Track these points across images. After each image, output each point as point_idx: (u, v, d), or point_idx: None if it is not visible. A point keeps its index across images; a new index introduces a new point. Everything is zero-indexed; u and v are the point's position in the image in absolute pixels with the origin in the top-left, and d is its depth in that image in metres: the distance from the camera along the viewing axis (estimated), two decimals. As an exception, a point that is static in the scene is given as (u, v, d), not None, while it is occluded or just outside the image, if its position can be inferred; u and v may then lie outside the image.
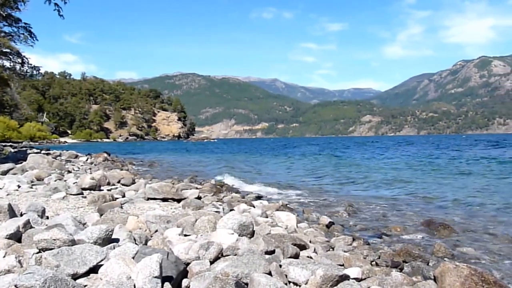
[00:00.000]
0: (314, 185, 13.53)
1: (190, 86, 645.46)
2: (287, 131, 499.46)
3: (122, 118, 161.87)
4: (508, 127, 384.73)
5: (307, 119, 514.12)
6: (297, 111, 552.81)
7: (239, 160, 27.86)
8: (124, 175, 11.68)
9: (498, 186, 11.77)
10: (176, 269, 3.41)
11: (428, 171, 16.83)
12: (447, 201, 9.56)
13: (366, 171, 17.86)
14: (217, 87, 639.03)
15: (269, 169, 20.47)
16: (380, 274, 4.10)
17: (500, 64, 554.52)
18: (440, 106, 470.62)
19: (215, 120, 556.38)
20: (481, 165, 18.69)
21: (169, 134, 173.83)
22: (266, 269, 3.53)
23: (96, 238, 3.89)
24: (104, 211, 5.99)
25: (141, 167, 21.76)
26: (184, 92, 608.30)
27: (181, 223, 5.21)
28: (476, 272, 3.53)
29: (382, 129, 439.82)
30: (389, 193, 11.25)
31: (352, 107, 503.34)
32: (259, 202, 8.87)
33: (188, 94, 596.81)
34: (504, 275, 4.56)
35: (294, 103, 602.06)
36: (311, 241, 5.43)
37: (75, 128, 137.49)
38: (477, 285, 3.40)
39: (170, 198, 8.14)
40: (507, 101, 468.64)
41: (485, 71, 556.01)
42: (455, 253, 5.39)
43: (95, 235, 3.91)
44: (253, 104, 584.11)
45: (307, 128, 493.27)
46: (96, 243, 3.82)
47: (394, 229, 6.82)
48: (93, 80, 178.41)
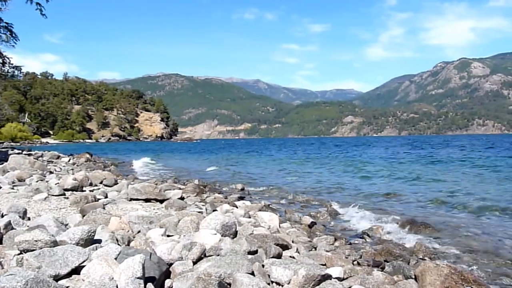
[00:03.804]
0: (296, 185, 13.64)
1: (173, 87, 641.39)
2: (270, 131, 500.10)
3: (105, 118, 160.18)
4: (487, 127, 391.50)
5: (289, 120, 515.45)
6: (280, 112, 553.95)
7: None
8: (107, 175, 11.59)
9: (476, 186, 11.98)
10: (159, 269, 3.41)
11: (410, 171, 17.05)
12: (428, 201, 9.71)
13: (348, 170, 18.06)
14: (200, 88, 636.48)
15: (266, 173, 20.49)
16: (361, 273, 4.14)
17: (479, 66, 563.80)
18: (421, 107, 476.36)
19: (198, 121, 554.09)
20: (461, 166, 19.00)
21: (152, 134, 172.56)
22: (249, 269, 3.55)
23: (78, 239, 3.87)
24: (86, 212, 5.94)
25: (123, 168, 21.62)
26: (167, 92, 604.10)
27: (164, 224, 5.20)
28: (456, 271, 3.59)
29: (364, 129, 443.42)
30: (370, 192, 11.38)
31: (334, 108, 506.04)
32: (241, 203, 8.89)
33: (171, 94, 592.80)
34: (483, 273, 4.64)
35: (276, 104, 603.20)
36: (293, 241, 5.46)
37: (57, 128, 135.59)
38: (457, 284, 3.45)
39: (153, 199, 8.11)
40: (486, 102, 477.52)
41: (464, 73, 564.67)
42: (435, 252, 5.48)
43: (77, 236, 3.89)
44: (236, 105, 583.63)
45: (289, 128, 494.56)
46: (78, 244, 3.80)
47: (375, 228, 6.90)
48: (75, 81, 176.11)
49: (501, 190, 11.05)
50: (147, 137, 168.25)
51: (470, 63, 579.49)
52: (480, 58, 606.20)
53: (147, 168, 21.74)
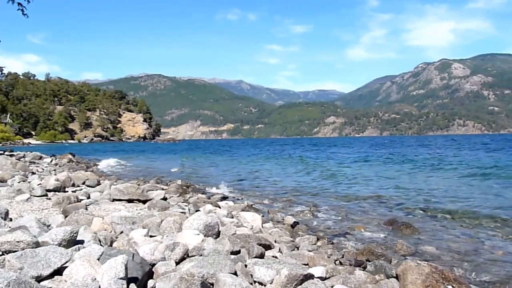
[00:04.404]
0: (278, 185, 13.71)
1: (156, 87, 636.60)
2: (253, 132, 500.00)
3: (87, 119, 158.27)
4: (467, 128, 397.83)
5: (272, 120, 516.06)
6: (262, 113, 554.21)
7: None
8: (89, 176, 11.51)
9: (459, 187, 12.17)
10: (142, 270, 3.42)
11: (390, 171, 17.27)
12: (409, 201, 9.84)
13: (329, 170, 18.19)
14: (183, 88, 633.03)
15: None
16: (344, 273, 4.17)
17: (460, 67, 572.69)
18: (402, 108, 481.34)
19: (181, 121, 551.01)
20: (442, 167, 19.28)
21: (134, 135, 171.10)
22: (232, 269, 3.58)
23: (60, 240, 3.85)
24: (68, 212, 5.89)
25: (106, 168, 21.44)
26: (149, 93, 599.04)
27: (147, 224, 5.19)
28: (436, 270, 3.65)
29: (346, 130, 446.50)
30: (352, 192, 11.49)
31: (317, 108, 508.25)
32: (224, 203, 8.91)
33: (153, 95, 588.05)
34: (464, 272, 4.73)
35: (259, 105, 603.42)
36: (276, 241, 5.50)
37: (39, 129, 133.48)
38: (438, 283, 3.50)
39: (136, 199, 8.08)
40: (466, 103, 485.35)
41: (445, 74, 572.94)
42: (416, 251, 5.57)
43: (60, 237, 3.87)
44: (219, 106, 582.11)
45: (272, 129, 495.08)
46: (61, 245, 3.78)
47: (357, 228, 7.00)
48: (58, 81, 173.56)
49: (476, 191, 11.25)
50: (129, 137, 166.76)
51: (451, 64, 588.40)
52: (461, 59, 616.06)
53: (113, 169, 21.97)
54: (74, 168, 17.47)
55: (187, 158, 32.99)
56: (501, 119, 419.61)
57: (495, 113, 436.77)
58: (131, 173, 19.20)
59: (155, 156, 39.58)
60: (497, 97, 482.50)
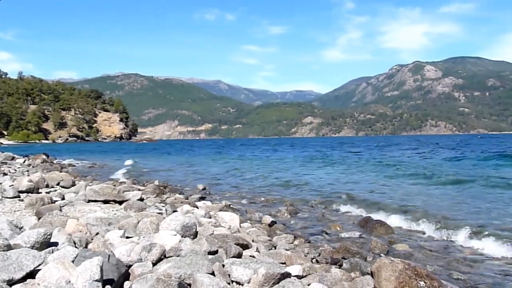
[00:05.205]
0: (255, 185, 13.73)
1: (132, 87, 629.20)
2: (231, 132, 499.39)
3: (62, 118, 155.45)
4: (439, 128, 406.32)
5: (250, 120, 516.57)
6: (240, 113, 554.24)
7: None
8: (64, 177, 11.29)
9: (430, 187, 12.38)
10: (118, 271, 3.38)
11: (366, 172, 17.49)
12: (383, 200, 9.98)
13: (306, 170, 18.32)
14: (160, 88, 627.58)
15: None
16: (320, 271, 4.22)
17: (432, 69, 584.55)
18: (377, 109, 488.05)
19: (158, 121, 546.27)
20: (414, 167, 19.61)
21: (110, 135, 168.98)
22: (209, 269, 3.57)
23: (33, 242, 3.77)
24: (42, 214, 5.77)
25: (81, 169, 21.12)
26: (126, 92, 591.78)
27: (123, 225, 5.13)
28: (409, 267, 3.72)
29: (323, 130, 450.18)
30: (329, 191, 11.60)
31: (294, 108, 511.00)
32: (202, 203, 8.87)
33: (130, 94, 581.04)
34: (435, 268, 4.86)
35: (237, 105, 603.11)
36: (254, 240, 5.51)
37: (12, 129, 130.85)
38: (410, 279, 3.58)
39: (112, 200, 7.97)
40: (438, 104, 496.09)
41: (418, 76, 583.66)
42: (390, 249, 5.68)
43: (32, 239, 3.79)
44: (197, 105, 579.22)
45: (250, 129, 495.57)
46: (34, 247, 3.70)
47: (333, 227, 7.07)
48: (31, 80, 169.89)
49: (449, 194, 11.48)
50: (106, 137, 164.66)
51: (424, 66, 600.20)
52: (433, 61, 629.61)
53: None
54: (48, 169, 17.12)
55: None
56: (471, 120, 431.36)
57: (465, 114, 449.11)
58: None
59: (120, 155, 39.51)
60: (467, 98, 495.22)
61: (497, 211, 8.10)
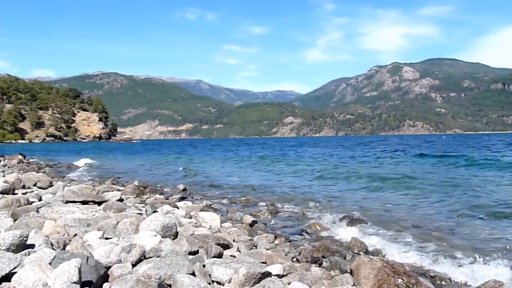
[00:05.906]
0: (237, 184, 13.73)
1: (112, 86, 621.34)
2: (212, 132, 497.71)
3: (39, 118, 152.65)
4: (417, 128, 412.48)
5: (231, 120, 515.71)
6: (221, 112, 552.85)
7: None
8: (41, 177, 11.10)
9: (410, 183, 12.56)
10: (96, 273, 3.34)
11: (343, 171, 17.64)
12: (362, 198, 10.10)
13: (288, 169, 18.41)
14: (140, 87, 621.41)
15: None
16: (300, 270, 4.25)
17: (410, 70, 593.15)
18: (357, 109, 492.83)
19: (138, 121, 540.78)
20: (395, 164, 19.89)
21: (89, 135, 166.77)
22: (190, 270, 3.56)
23: (9, 244, 3.70)
24: (18, 215, 5.65)
25: (59, 169, 20.78)
26: (105, 92, 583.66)
27: (102, 226, 5.07)
28: (388, 264, 3.81)
29: (304, 130, 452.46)
30: (309, 190, 11.67)
31: (275, 108, 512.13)
32: (183, 203, 8.82)
33: (110, 94, 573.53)
34: (413, 266, 4.92)
35: (218, 105, 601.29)
36: (234, 240, 5.51)
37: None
38: (389, 276, 3.66)
39: (91, 201, 7.85)
40: (416, 105, 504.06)
41: (396, 76, 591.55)
42: (369, 247, 5.74)
43: (8, 241, 3.72)
44: (177, 105, 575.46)
45: (231, 129, 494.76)
46: (9, 249, 3.63)
47: (313, 226, 7.10)
48: (7, 78, 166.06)
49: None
50: (84, 137, 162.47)
51: (402, 67, 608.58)
52: (411, 63, 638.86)
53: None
54: (24, 169, 16.81)
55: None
56: (447, 120, 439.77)
57: (442, 115, 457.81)
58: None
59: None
60: (443, 99, 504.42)
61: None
